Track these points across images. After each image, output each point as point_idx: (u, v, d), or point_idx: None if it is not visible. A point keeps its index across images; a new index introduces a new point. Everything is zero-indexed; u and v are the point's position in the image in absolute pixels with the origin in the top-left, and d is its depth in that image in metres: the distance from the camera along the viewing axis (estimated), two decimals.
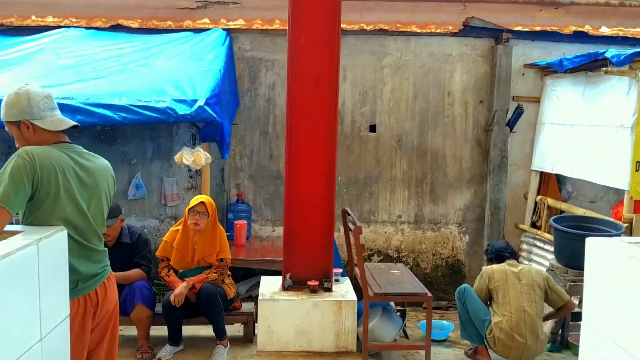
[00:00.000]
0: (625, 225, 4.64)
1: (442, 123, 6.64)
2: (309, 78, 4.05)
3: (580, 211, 5.51)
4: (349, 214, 4.53)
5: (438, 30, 6.45)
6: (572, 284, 4.43)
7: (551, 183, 6.56)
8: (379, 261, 6.69)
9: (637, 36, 6.34)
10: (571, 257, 4.45)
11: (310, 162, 4.19)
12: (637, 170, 4.67)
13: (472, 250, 6.79)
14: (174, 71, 5.24)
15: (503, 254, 4.61)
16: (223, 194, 6.47)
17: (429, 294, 4.31)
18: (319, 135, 4.17)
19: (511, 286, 4.32)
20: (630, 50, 4.57)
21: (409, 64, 6.59)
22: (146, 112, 4.62)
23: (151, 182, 6.55)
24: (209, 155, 4.87)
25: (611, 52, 4.62)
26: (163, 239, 4.32)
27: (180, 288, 4.02)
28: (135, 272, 4.27)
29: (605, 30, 6.44)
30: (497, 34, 6.51)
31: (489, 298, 4.49)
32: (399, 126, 6.61)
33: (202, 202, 4.17)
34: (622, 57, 4.50)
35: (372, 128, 6.59)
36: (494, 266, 4.59)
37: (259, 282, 6.09)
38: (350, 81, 6.52)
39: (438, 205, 6.71)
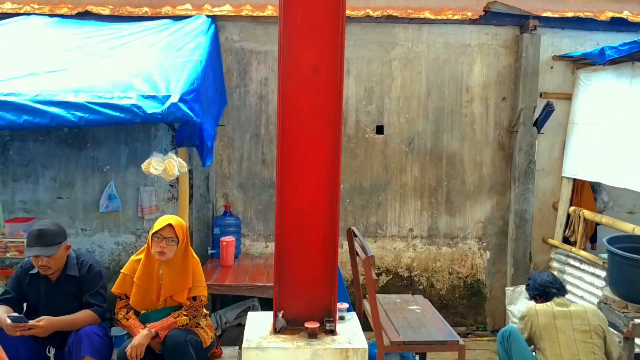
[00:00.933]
0: None
1: (460, 123, 5.80)
2: (306, 67, 3.22)
3: (627, 227, 4.66)
4: (355, 235, 3.69)
5: (455, 17, 5.62)
6: (635, 322, 3.57)
7: (585, 191, 5.72)
8: (388, 281, 5.85)
9: None
10: (632, 288, 3.60)
11: (308, 171, 3.35)
12: None
13: (494, 268, 5.94)
14: (145, 63, 4.40)
15: (549, 289, 3.77)
16: (208, 205, 5.62)
17: (461, 342, 3.45)
18: (319, 137, 3.32)
19: (561, 332, 3.47)
20: None
21: (422, 56, 5.75)
22: (107, 111, 3.78)
23: (126, 192, 5.72)
24: (183, 163, 4.03)
25: None
26: (121, 271, 3.46)
27: (140, 337, 3.13)
28: (84, 314, 3.41)
29: None
30: (522, 21, 5.68)
31: (533, 347, 3.64)
32: (410, 127, 5.77)
33: (170, 225, 3.31)
34: None
35: (379, 129, 5.75)
36: (539, 306, 3.74)
37: (249, 308, 5.28)
38: (354, 76, 5.69)
39: (455, 217, 5.87)
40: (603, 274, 4.84)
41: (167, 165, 3.81)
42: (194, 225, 5.60)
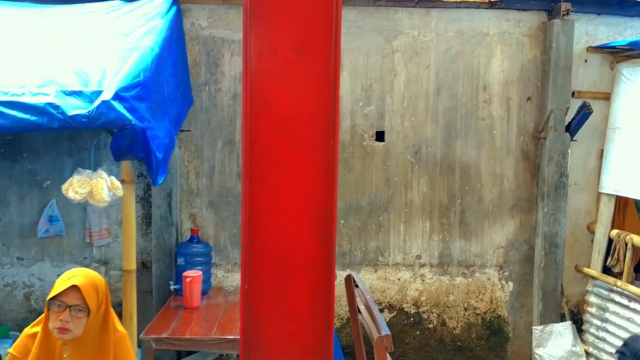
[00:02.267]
0: None
1: (476, 128, 4.81)
2: (285, 48, 2.22)
3: None
4: (356, 285, 2.67)
5: None
6: None
7: (629, 211, 4.76)
8: (391, 319, 4.83)
9: None
10: None
11: (290, 196, 2.34)
12: None
13: (517, 302, 4.94)
14: (76, 51, 3.36)
15: None
16: (171, 229, 4.58)
17: None
18: (305, 146, 2.31)
19: None
20: None
21: (430, 46, 4.75)
22: (12, 113, 2.75)
23: (71, 213, 4.68)
24: (118, 184, 2.98)
25: None
26: (9, 350, 2.38)
27: None
28: None
29: None
30: (551, 5, 4.71)
31: None
32: (417, 133, 4.77)
33: (74, 288, 2.22)
34: None
35: (380, 135, 4.75)
36: None
37: (222, 357, 4.26)
38: (348, 71, 4.68)
39: (471, 241, 4.87)
40: None
41: (93, 187, 2.76)
42: (152, 254, 4.56)
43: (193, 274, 4.11)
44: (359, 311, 2.61)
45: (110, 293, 2.37)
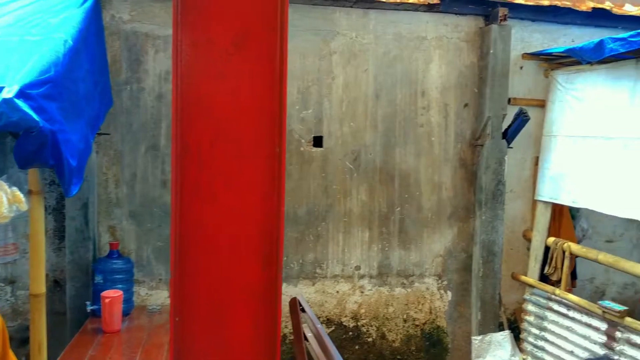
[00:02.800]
0: None
1: (415, 135, 4.68)
2: (222, 40, 1.92)
3: (637, 269, 3.69)
4: (302, 309, 2.40)
5: (410, 0, 4.49)
6: None
7: (564, 219, 4.77)
8: (330, 334, 4.57)
9: None
10: None
11: (229, 207, 2.05)
12: None
13: (456, 312, 4.84)
14: None
15: None
16: (87, 243, 4.12)
17: None
18: (246, 151, 2.02)
19: None
20: None
21: (368, 49, 4.58)
22: None
23: None
24: (21, 197, 2.55)
25: None
26: None
27: None
28: None
29: (630, 9, 4.75)
30: (488, 10, 4.65)
31: None
32: (356, 139, 4.57)
33: None
34: None
35: (318, 141, 4.51)
36: None
37: None
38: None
39: (410, 250, 4.73)
40: (603, 326, 3.85)
41: None
42: (67, 271, 4.09)
43: (113, 294, 3.69)
44: (306, 339, 2.34)
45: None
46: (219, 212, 2.05)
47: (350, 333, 4.65)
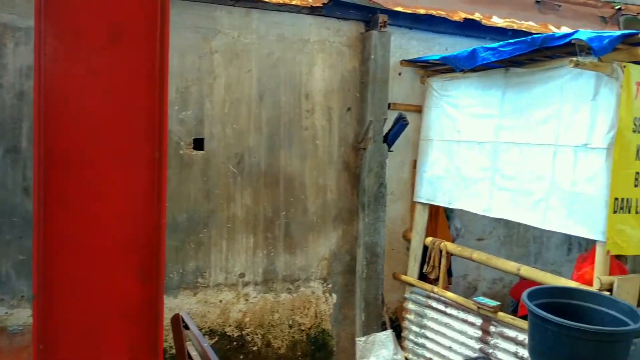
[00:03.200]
0: (605, 292, 3.11)
1: (299, 138, 4.64)
2: (97, 31, 1.71)
3: (509, 266, 3.92)
4: (186, 326, 2.24)
5: (293, 2, 4.44)
6: None
7: (441, 219, 4.98)
8: (212, 346, 4.39)
9: (532, 30, 5.09)
10: None
11: (101, 219, 1.84)
12: (616, 212, 3.17)
13: (340, 315, 4.87)
14: None
15: None
16: None
17: None
18: (121, 156, 1.83)
19: None
20: (613, 32, 3.05)
21: (251, 49, 4.47)
22: None
23: None
24: None
25: (585, 33, 3.07)
26: None
27: None
28: None
29: (497, 21, 5.07)
30: (369, 16, 4.74)
31: None
32: (239, 141, 4.44)
33: None
34: (606, 41, 2.96)
35: (199, 143, 4.32)
36: None
37: None
38: None
39: (296, 254, 4.68)
40: (478, 321, 4.05)
41: None
42: None
43: None
44: (191, 358, 2.18)
45: None
46: (89, 224, 1.84)
47: (235, 343, 4.50)
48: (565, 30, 4.55)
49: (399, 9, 4.71)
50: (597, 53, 3.00)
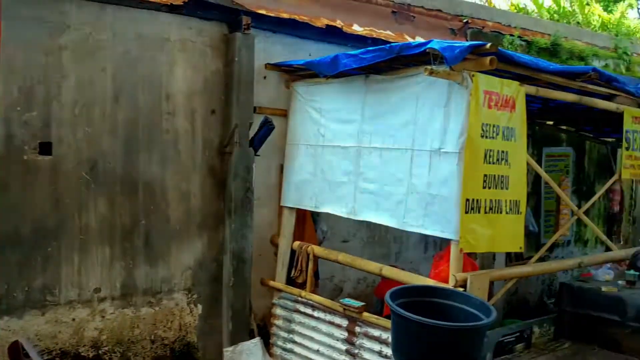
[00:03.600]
0: (460, 289, 3.29)
1: (160, 141, 4.42)
2: None
3: (371, 266, 4.02)
4: (27, 355, 1.98)
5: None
6: None
7: (308, 223, 5.01)
8: None
9: (390, 39, 5.30)
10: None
11: None
12: (467, 212, 3.37)
13: (207, 326, 4.71)
14: None
15: None
16: None
17: None
18: None
19: None
20: (463, 43, 3.24)
21: (106, 47, 4.17)
22: None
23: None
24: None
25: (438, 43, 3.22)
26: None
27: None
28: None
29: (358, 29, 5.22)
30: (232, 18, 4.64)
31: None
32: (92, 145, 4.11)
33: None
34: (457, 51, 3.13)
35: (45, 148, 3.93)
36: None
37: None
38: (1, 66, 3.73)
39: (157, 265, 4.44)
40: (344, 322, 4.11)
41: None
42: None
43: None
44: None
45: None
46: None
47: None
48: (419, 39, 4.80)
49: (263, 11, 4.66)
50: (449, 62, 3.17)
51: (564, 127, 6.92)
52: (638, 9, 16.15)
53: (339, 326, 4.13)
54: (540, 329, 4.32)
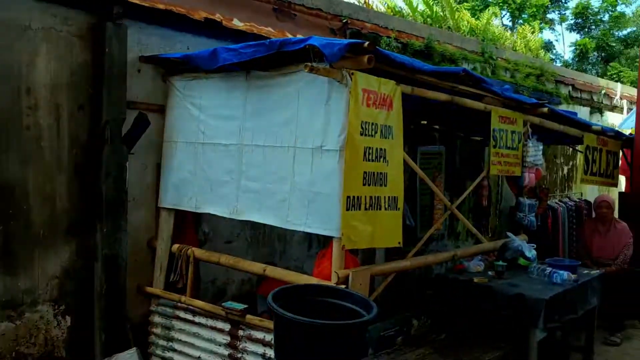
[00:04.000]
0: (342, 286, 3.29)
1: (20, 139, 4.01)
2: None
3: (255, 267, 3.92)
4: None
5: None
6: None
7: (188, 224, 4.80)
8: None
9: (271, 36, 5.22)
10: None
11: None
12: (348, 210, 3.39)
13: (77, 338, 4.35)
14: None
15: None
16: None
17: None
18: None
19: None
20: (342, 40, 3.23)
21: None
22: None
23: None
24: None
25: (318, 39, 3.19)
26: None
27: None
28: None
29: (238, 24, 5.09)
30: (101, 6, 4.32)
31: None
32: None
33: None
34: (336, 48, 3.12)
35: None
36: None
37: None
38: None
39: (18, 276, 4.02)
40: (227, 327, 3.98)
41: None
42: None
43: None
44: None
45: None
46: None
47: None
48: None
49: (136, 1, 4.39)
50: (329, 59, 3.16)
51: (437, 127, 7.26)
52: (501, 18, 17.50)
53: (221, 331, 3.99)
54: (419, 322, 4.46)
